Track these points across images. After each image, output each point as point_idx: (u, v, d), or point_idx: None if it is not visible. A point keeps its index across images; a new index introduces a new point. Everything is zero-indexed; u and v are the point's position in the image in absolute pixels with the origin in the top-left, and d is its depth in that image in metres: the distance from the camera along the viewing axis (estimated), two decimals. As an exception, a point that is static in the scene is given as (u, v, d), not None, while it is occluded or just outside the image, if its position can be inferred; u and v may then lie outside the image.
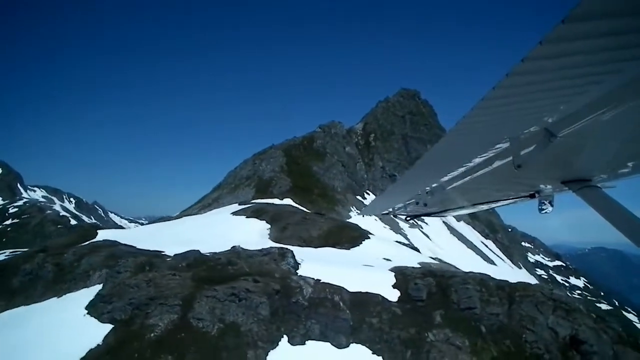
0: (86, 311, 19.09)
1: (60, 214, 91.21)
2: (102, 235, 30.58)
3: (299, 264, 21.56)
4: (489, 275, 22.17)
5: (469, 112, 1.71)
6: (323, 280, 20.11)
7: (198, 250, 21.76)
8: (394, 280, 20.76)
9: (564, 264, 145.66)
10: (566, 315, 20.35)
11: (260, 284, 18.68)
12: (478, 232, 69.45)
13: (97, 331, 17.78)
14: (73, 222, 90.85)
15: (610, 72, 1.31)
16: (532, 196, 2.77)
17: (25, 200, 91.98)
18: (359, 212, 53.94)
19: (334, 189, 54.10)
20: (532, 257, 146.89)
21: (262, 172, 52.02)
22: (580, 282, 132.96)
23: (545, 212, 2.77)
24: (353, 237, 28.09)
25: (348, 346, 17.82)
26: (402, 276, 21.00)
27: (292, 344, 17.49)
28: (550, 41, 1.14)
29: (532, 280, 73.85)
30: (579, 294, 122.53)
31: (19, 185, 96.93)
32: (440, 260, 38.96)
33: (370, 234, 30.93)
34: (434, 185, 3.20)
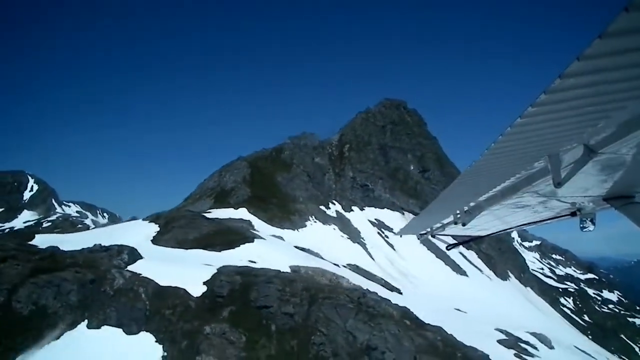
0: (-47, 295, 23.24)
1: (90, 228, 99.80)
2: (39, 238, 35.40)
3: (137, 260, 24.33)
4: (303, 275, 23.41)
5: (506, 130, 1.70)
6: (146, 275, 22.73)
7: (57, 247, 25.32)
8: (208, 277, 22.85)
9: (596, 277, 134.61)
10: (368, 320, 20.93)
11: (79, 274, 21.74)
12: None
13: (-48, 311, 21.73)
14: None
15: None
16: (573, 214, 2.74)
17: (58, 215, 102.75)
18: (317, 220, 55.59)
19: (295, 199, 56.22)
20: (562, 270, 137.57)
21: (225, 183, 55.61)
22: (614, 296, 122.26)
23: (587, 230, 2.73)
24: (231, 240, 30.32)
25: (137, 333, 20.16)
26: (218, 274, 23.04)
27: (89, 328, 20.24)
28: (588, 57, 1.15)
29: (520, 293, 69.93)
30: (609, 308, 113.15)
31: (53, 200, 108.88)
32: (357, 268, 39.64)
33: (260, 237, 32.99)
34: (472, 205, 3.17)
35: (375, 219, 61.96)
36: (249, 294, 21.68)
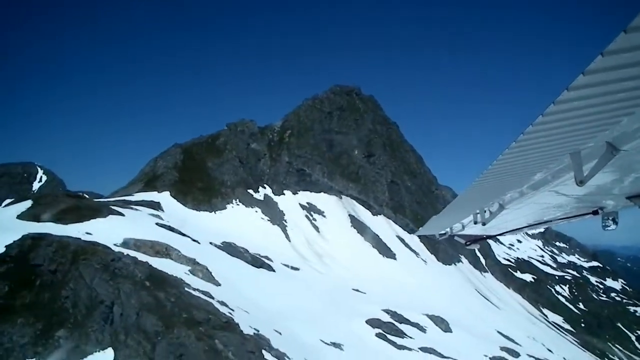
0: None
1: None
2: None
3: (-30, 229, 29.21)
4: (79, 239, 27.19)
5: (528, 128, 1.70)
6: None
7: None
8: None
9: (600, 265, 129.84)
10: (110, 279, 24.44)
11: None
12: (400, 226, 68.12)
13: None
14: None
15: None
16: (595, 213, 2.73)
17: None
18: (240, 203, 58.99)
19: (222, 183, 59.83)
20: (565, 258, 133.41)
21: (157, 169, 60.33)
22: (617, 284, 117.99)
23: (609, 229, 2.74)
24: (82, 215, 34.73)
25: None
26: (19, 239, 27.38)
27: None
28: (612, 52, 1.14)
29: (461, 277, 69.13)
30: (609, 297, 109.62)
31: (61, 191, 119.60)
32: (229, 245, 42.59)
33: (120, 214, 37.13)
34: (492, 204, 3.15)
35: (307, 203, 64.24)
36: (29, 254, 25.87)
